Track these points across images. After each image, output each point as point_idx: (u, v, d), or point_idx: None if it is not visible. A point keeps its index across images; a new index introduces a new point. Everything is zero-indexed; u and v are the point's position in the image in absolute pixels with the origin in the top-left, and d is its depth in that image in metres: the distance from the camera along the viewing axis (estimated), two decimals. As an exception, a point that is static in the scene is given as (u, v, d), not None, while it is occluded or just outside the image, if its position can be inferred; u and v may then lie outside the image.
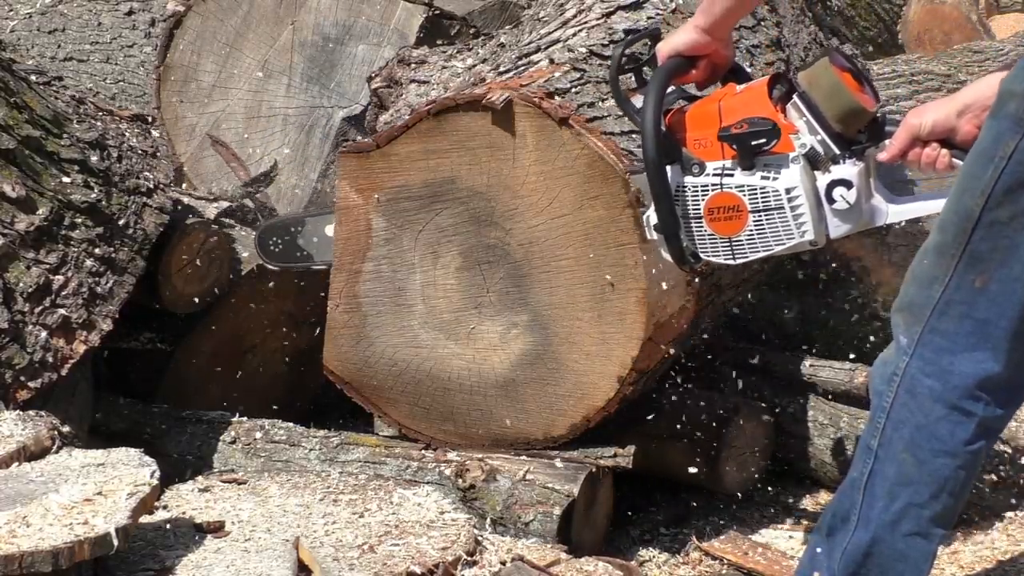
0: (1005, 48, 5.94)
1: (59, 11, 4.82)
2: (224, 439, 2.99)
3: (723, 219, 2.28)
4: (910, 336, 2.04)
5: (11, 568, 1.98)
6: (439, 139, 2.72)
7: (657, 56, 2.40)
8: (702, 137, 2.29)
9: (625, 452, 2.74)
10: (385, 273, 2.82)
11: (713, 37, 2.35)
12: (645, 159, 2.27)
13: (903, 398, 2.05)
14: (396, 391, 2.86)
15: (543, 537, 2.62)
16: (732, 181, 2.26)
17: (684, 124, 2.31)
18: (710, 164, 2.28)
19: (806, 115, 2.24)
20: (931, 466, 2.04)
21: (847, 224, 2.26)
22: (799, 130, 2.24)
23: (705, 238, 2.31)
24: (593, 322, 2.66)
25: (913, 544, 2.07)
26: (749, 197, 2.26)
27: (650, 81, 2.33)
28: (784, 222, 2.25)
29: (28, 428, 2.50)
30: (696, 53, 2.37)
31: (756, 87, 2.30)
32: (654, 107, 2.26)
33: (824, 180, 2.24)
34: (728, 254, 2.31)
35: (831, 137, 2.23)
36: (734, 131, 2.24)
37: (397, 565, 2.33)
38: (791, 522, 3.03)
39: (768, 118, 2.24)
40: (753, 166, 2.25)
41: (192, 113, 4.22)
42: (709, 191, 2.28)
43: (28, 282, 2.71)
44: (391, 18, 4.08)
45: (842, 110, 2.22)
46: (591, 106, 2.75)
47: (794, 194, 2.24)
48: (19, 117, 2.82)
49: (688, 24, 2.38)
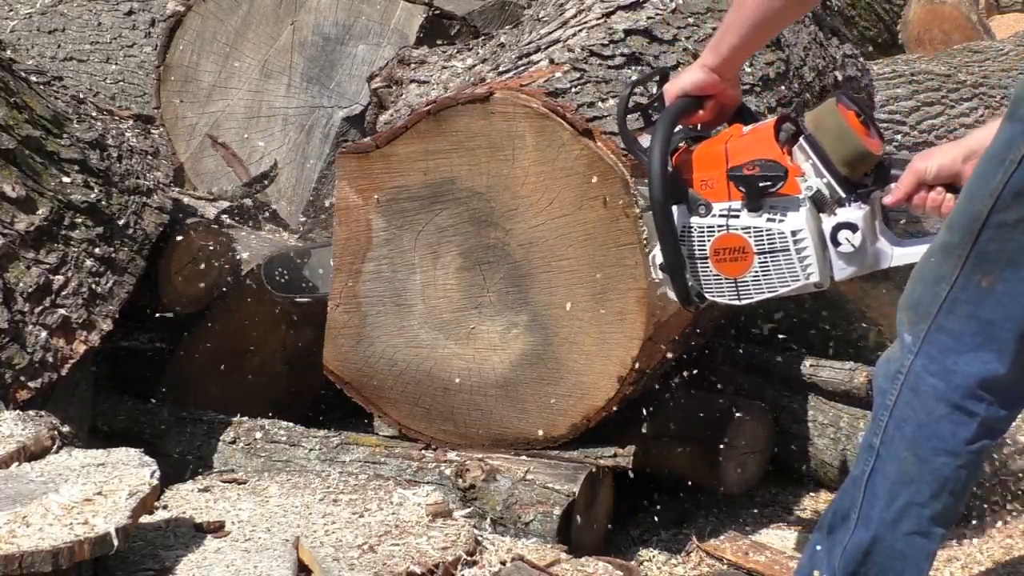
0: (1005, 48, 5.94)
1: (59, 11, 4.82)
2: (224, 439, 3.00)
3: (729, 260, 2.29)
4: (915, 334, 2.04)
5: (11, 568, 1.98)
6: (438, 140, 2.72)
7: (664, 96, 2.40)
8: (709, 178, 2.30)
9: (625, 452, 2.74)
10: (385, 273, 2.82)
11: (721, 77, 2.36)
12: (652, 200, 2.27)
13: (906, 396, 2.05)
14: (396, 391, 2.86)
15: (543, 537, 2.62)
16: (738, 222, 2.27)
17: (691, 165, 2.32)
18: (716, 205, 2.29)
19: (812, 158, 2.24)
20: (932, 465, 2.04)
21: (852, 267, 2.27)
22: (805, 172, 2.25)
23: (711, 278, 2.32)
24: (593, 322, 2.66)
25: (913, 543, 2.07)
26: (755, 238, 2.27)
27: (657, 121, 2.33)
28: (789, 264, 2.26)
29: (28, 428, 2.50)
30: (704, 93, 2.38)
31: (763, 129, 2.31)
32: (661, 148, 2.26)
33: (830, 223, 2.25)
34: (733, 295, 2.32)
35: (837, 180, 2.23)
36: (744, 172, 2.25)
37: (397, 565, 2.33)
38: (791, 522, 3.03)
39: (777, 161, 2.25)
40: (759, 208, 2.26)
41: (192, 113, 4.23)
42: (715, 232, 2.29)
43: (28, 282, 2.70)
44: (391, 18, 4.08)
45: (849, 154, 2.23)
46: (591, 106, 2.75)
47: (800, 236, 2.24)
48: (19, 117, 2.82)
49: (696, 64, 2.38)
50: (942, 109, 5.41)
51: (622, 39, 2.97)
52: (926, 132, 5.34)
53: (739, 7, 2.28)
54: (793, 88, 3.35)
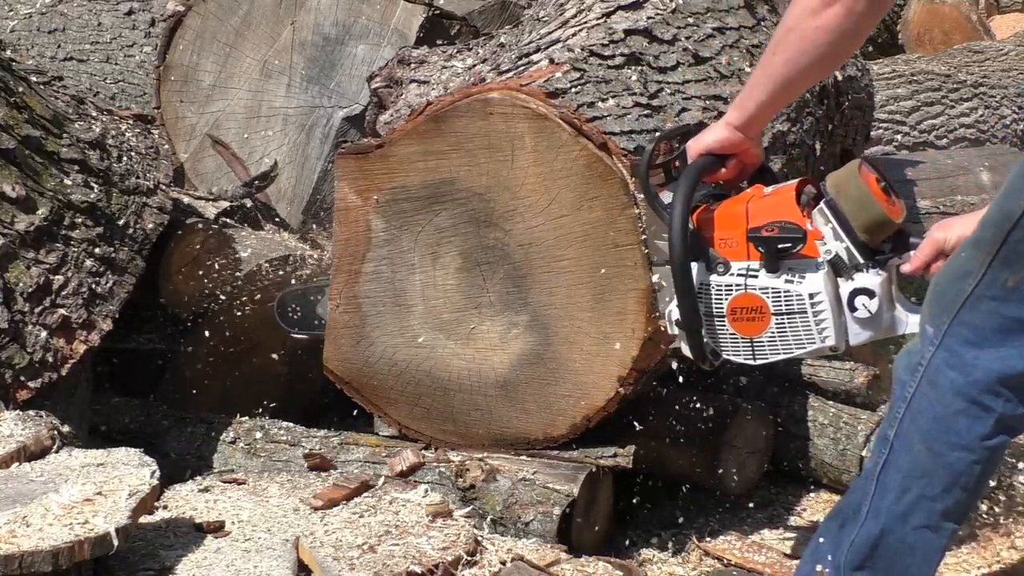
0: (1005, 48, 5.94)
1: (59, 11, 4.83)
2: (224, 439, 3.00)
3: (745, 319, 2.30)
4: (937, 326, 2.04)
5: (11, 568, 1.98)
6: (437, 140, 2.72)
7: (687, 152, 2.41)
8: (728, 237, 2.31)
9: (625, 452, 2.74)
10: (385, 274, 2.82)
11: (745, 136, 2.36)
12: (671, 257, 2.28)
13: (924, 388, 2.05)
14: (396, 391, 2.86)
15: (543, 537, 2.62)
16: (756, 282, 2.28)
17: (712, 223, 2.33)
18: (735, 264, 2.30)
19: (832, 222, 2.25)
20: (946, 459, 2.03)
21: (868, 332, 2.28)
22: (824, 236, 2.26)
23: (726, 337, 2.33)
24: (593, 322, 2.66)
25: (922, 537, 2.06)
26: (772, 299, 2.28)
27: (680, 179, 2.33)
28: (806, 326, 2.27)
29: (28, 428, 2.50)
30: (727, 151, 2.38)
31: (784, 191, 2.31)
32: (683, 206, 2.28)
33: (847, 288, 2.26)
34: (748, 354, 2.34)
35: (856, 246, 2.25)
36: (764, 233, 2.26)
37: (397, 565, 2.33)
38: (791, 522, 3.03)
39: (797, 224, 2.26)
40: (778, 269, 2.27)
41: (192, 113, 4.23)
42: (733, 291, 2.30)
43: (28, 282, 2.70)
44: (391, 18, 4.08)
45: (869, 221, 2.24)
46: (591, 106, 2.75)
47: (817, 300, 2.25)
48: (19, 117, 2.82)
49: (720, 122, 2.39)
50: (942, 109, 5.42)
51: (622, 39, 2.97)
52: (926, 132, 5.35)
53: (765, 65, 2.27)
54: (793, 88, 3.35)
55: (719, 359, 2.36)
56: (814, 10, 2.14)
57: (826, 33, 2.15)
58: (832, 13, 2.13)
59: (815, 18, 2.14)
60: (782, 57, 2.23)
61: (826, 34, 2.15)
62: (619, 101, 2.81)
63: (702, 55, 3.08)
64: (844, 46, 2.21)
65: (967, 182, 4.50)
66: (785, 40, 2.22)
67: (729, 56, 3.15)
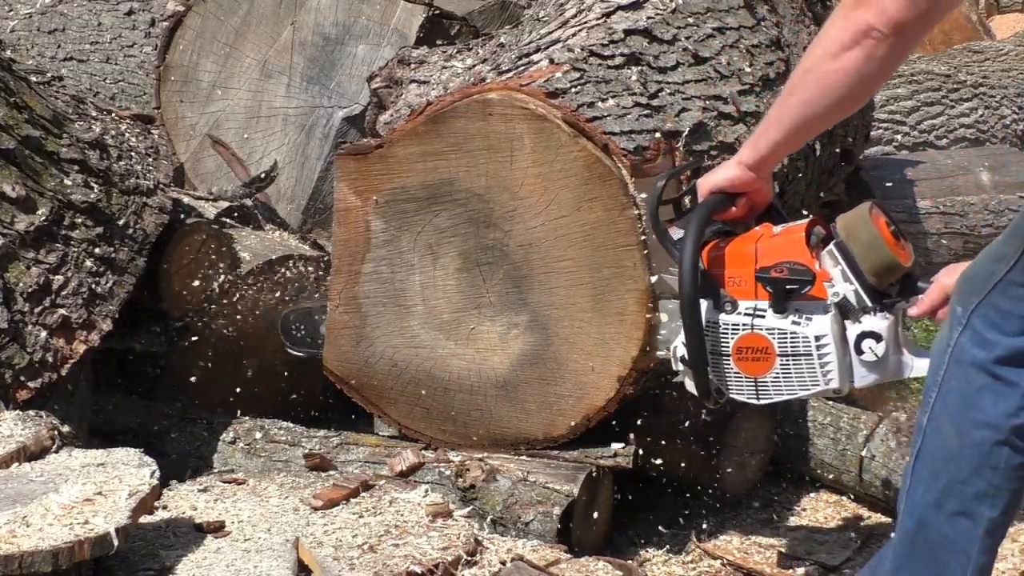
0: (1005, 48, 5.94)
1: (59, 11, 4.83)
2: (224, 439, 3.00)
3: (751, 359, 2.30)
4: (965, 305, 2.02)
5: (11, 568, 1.98)
6: (436, 141, 2.72)
7: (697, 189, 2.40)
8: (737, 276, 2.31)
9: (625, 452, 2.74)
10: (384, 274, 2.82)
11: (757, 175, 2.34)
12: (680, 295, 2.28)
13: (953, 368, 2.02)
14: (396, 391, 2.86)
15: (543, 537, 2.62)
16: (763, 323, 2.28)
17: (721, 261, 2.33)
18: (742, 303, 2.30)
19: (841, 264, 2.25)
20: (972, 438, 1.99)
21: (873, 375, 2.28)
22: (833, 278, 2.26)
23: (731, 376, 2.32)
24: (593, 322, 2.66)
25: (958, 526, 2.01)
26: (779, 340, 2.27)
27: (691, 217, 2.33)
28: (811, 368, 2.27)
29: (28, 428, 2.50)
30: (738, 190, 2.37)
31: (794, 231, 2.31)
32: (693, 244, 2.27)
33: (854, 330, 2.26)
34: (752, 394, 2.33)
35: (864, 289, 2.24)
36: (773, 274, 2.26)
37: (397, 565, 2.33)
38: (791, 522, 3.03)
39: (807, 266, 2.25)
40: (785, 310, 2.27)
41: (192, 113, 4.23)
42: (740, 330, 2.29)
43: (28, 282, 2.71)
44: (391, 18, 4.08)
45: (878, 264, 2.23)
46: (591, 106, 2.75)
47: (823, 342, 2.25)
48: (19, 117, 2.82)
49: (731, 160, 2.37)
50: (942, 109, 5.42)
51: (622, 39, 2.97)
52: (926, 132, 5.35)
53: (781, 105, 2.23)
54: (793, 88, 3.35)
55: (723, 397, 2.36)
56: (833, 53, 2.08)
57: (845, 76, 2.09)
58: (852, 56, 2.06)
59: (834, 61, 2.08)
60: (798, 99, 2.18)
61: (845, 77, 2.09)
62: (619, 101, 2.81)
63: (702, 55, 3.08)
64: (863, 90, 2.14)
65: (967, 182, 4.51)
66: (803, 82, 2.17)
67: (729, 56, 3.15)
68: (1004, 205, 4.40)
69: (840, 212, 2.36)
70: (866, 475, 2.98)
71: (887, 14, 1.99)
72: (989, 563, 2.05)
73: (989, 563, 2.05)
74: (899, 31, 2.00)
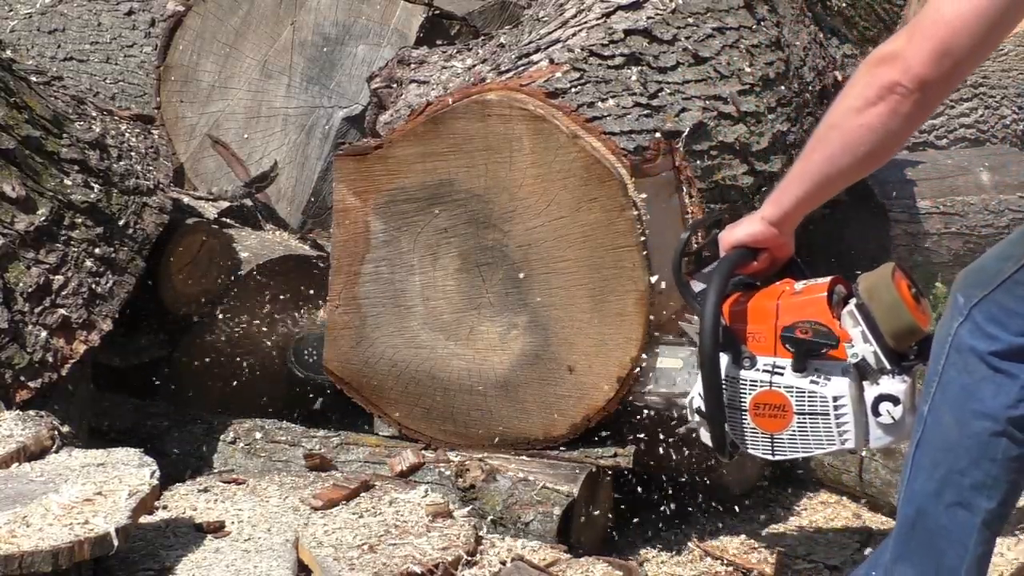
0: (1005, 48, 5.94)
1: (59, 11, 4.83)
2: (224, 439, 3.00)
3: (768, 416, 2.30)
4: (968, 297, 2.02)
5: (11, 568, 1.98)
6: (436, 142, 2.72)
7: (720, 243, 2.41)
8: (757, 332, 2.31)
9: (625, 452, 2.74)
10: (384, 275, 2.82)
11: (780, 231, 2.34)
12: (701, 351, 2.29)
13: (953, 358, 2.03)
14: (396, 391, 2.86)
15: (543, 537, 2.62)
16: (782, 380, 2.28)
17: (741, 316, 2.33)
18: (761, 359, 2.30)
19: (862, 325, 2.25)
20: (971, 428, 2.01)
21: (889, 437, 2.28)
22: (853, 338, 2.26)
23: (747, 430, 2.33)
24: (592, 323, 2.66)
25: (955, 516, 2.03)
26: (796, 398, 2.28)
27: (713, 273, 2.33)
28: (827, 428, 2.27)
29: (28, 428, 2.50)
30: (760, 246, 2.37)
31: (815, 289, 2.31)
32: (715, 300, 2.28)
33: (872, 392, 2.26)
34: (768, 450, 2.34)
35: (884, 351, 2.24)
36: (798, 335, 2.25)
37: (397, 565, 2.33)
38: (791, 522, 3.03)
39: (830, 328, 2.25)
40: (805, 368, 2.27)
41: (192, 113, 4.23)
42: (758, 387, 2.30)
43: (28, 282, 2.71)
44: (391, 18, 4.09)
45: (900, 328, 2.23)
46: (591, 106, 2.75)
47: (841, 403, 2.25)
48: (19, 117, 2.82)
49: (754, 215, 2.36)
50: (942, 109, 5.41)
51: (622, 39, 2.97)
52: (926, 132, 5.34)
53: (805, 160, 2.22)
54: (793, 88, 3.35)
55: (737, 451, 2.37)
56: (858, 109, 2.07)
57: (869, 132, 2.07)
58: (876, 112, 2.05)
59: (858, 116, 2.07)
60: (822, 155, 2.17)
61: (869, 133, 2.08)
62: (619, 101, 2.81)
63: (702, 55, 3.08)
64: (887, 146, 2.12)
65: (967, 182, 4.51)
66: (827, 137, 2.15)
67: (729, 56, 3.15)
68: (1004, 205, 4.40)
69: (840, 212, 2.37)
70: (866, 475, 2.98)
71: (912, 71, 1.99)
72: (987, 554, 2.06)
73: (987, 554, 2.06)
74: (924, 87, 2.00)
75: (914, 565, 2.07)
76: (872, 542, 2.84)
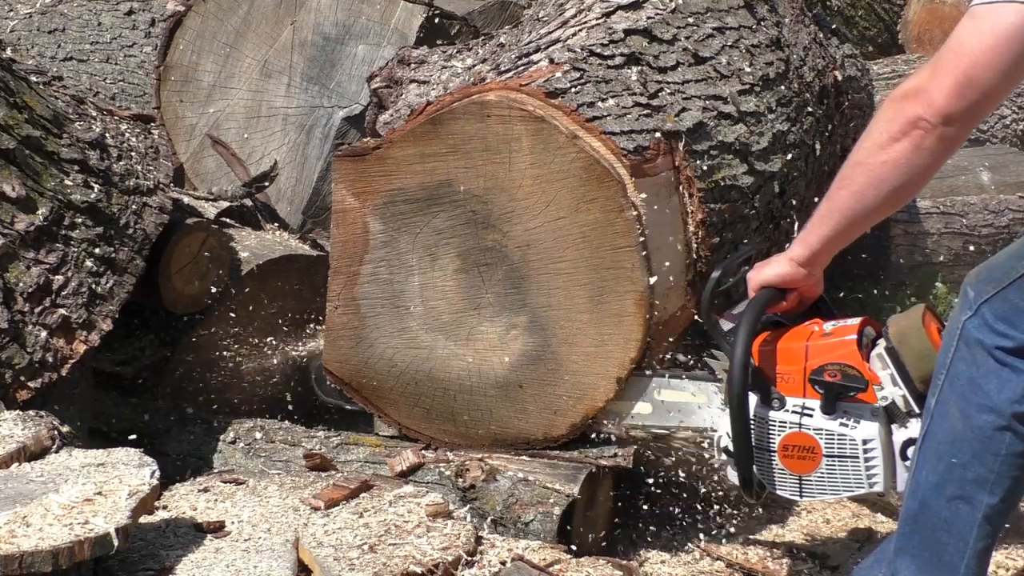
0: (1005, 48, 5.91)
1: (59, 11, 4.83)
2: (224, 439, 3.00)
3: (796, 457, 2.31)
4: (979, 292, 2.03)
5: (11, 568, 1.98)
6: (435, 143, 2.72)
7: (748, 283, 2.41)
8: (786, 373, 2.32)
9: (625, 452, 2.74)
10: (383, 276, 2.82)
11: (809, 271, 2.35)
12: (730, 391, 2.29)
13: (961, 351, 2.04)
14: (396, 392, 2.86)
15: (543, 537, 2.62)
16: (811, 422, 2.29)
17: (770, 357, 2.33)
18: (790, 400, 2.31)
19: (891, 369, 2.26)
20: (975, 421, 2.01)
21: None
22: (882, 381, 2.26)
23: (775, 471, 2.34)
24: (591, 323, 2.66)
25: (957, 510, 2.03)
26: (826, 441, 2.28)
27: (743, 314, 2.33)
28: (856, 471, 2.28)
29: (28, 428, 2.50)
30: (788, 286, 2.38)
31: (845, 332, 2.31)
32: (745, 341, 2.28)
33: (900, 436, 2.27)
34: (795, 491, 2.35)
35: (913, 395, 2.25)
36: (827, 378, 2.26)
37: (397, 565, 2.33)
38: (791, 522, 3.03)
39: (860, 372, 2.26)
40: (834, 411, 2.27)
41: (192, 113, 4.23)
42: (787, 428, 2.30)
43: (28, 282, 2.71)
44: (391, 18, 4.09)
45: (929, 372, 2.22)
46: (591, 106, 2.75)
47: (870, 446, 2.26)
48: (19, 117, 2.82)
49: (783, 256, 2.37)
50: (942, 109, 5.39)
51: (622, 39, 2.97)
52: (926, 132, 5.33)
53: (831, 199, 2.23)
54: (793, 88, 3.35)
55: (764, 491, 2.37)
56: (882, 145, 2.08)
57: (894, 168, 2.09)
58: (900, 148, 2.06)
59: (883, 153, 2.08)
60: (848, 191, 2.18)
61: (894, 169, 2.09)
62: (619, 101, 2.81)
63: (702, 55, 3.08)
64: (914, 181, 2.12)
65: (967, 182, 4.51)
66: (852, 175, 2.16)
67: (729, 56, 3.15)
68: (1004, 205, 4.41)
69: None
70: (866, 475, 2.98)
71: (935, 106, 2.00)
72: (988, 548, 2.06)
73: (988, 548, 2.06)
74: (947, 121, 2.01)
75: (915, 557, 2.08)
76: (872, 542, 2.85)
